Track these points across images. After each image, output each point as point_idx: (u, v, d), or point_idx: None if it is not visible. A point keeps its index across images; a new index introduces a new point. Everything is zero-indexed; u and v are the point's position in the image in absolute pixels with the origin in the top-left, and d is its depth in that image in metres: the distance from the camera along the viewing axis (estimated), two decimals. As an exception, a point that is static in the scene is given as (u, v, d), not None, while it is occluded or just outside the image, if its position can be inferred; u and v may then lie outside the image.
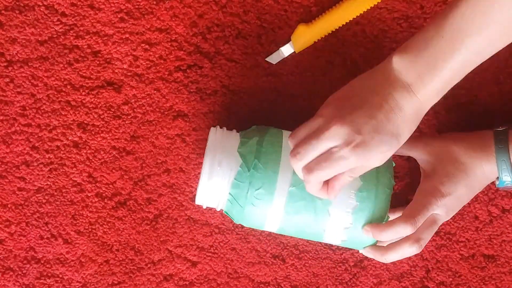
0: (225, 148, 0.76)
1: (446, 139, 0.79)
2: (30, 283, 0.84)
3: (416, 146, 0.79)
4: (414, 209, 0.75)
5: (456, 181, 0.76)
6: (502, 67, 0.84)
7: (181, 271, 0.84)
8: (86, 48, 0.83)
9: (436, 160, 0.77)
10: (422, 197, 0.76)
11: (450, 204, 0.76)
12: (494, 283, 0.85)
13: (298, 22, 0.83)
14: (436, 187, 0.76)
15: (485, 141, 0.77)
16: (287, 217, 0.75)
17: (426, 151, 0.78)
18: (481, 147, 0.77)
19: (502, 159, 0.76)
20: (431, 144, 0.79)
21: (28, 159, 0.83)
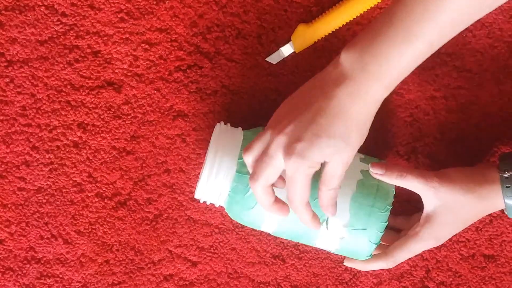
0: (228, 145, 0.76)
1: (455, 188, 0.75)
2: (30, 283, 0.84)
3: (426, 192, 0.76)
4: (400, 252, 0.77)
5: (455, 228, 0.77)
6: (502, 67, 0.84)
7: (181, 271, 0.84)
8: (86, 48, 0.83)
9: (441, 207, 0.75)
10: (413, 243, 0.77)
11: (440, 242, 0.78)
12: (494, 283, 0.85)
13: (298, 22, 0.83)
14: (432, 236, 0.76)
15: (492, 188, 0.75)
16: (284, 219, 0.75)
17: (435, 197, 0.76)
18: (489, 197, 0.76)
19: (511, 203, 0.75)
20: (440, 191, 0.75)
21: (28, 159, 0.83)
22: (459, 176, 0.76)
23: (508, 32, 0.84)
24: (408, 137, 0.84)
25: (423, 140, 0.84)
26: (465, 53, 0.84)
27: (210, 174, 0.75)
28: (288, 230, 0.77)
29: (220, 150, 0.76)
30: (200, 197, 0.77)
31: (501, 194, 0.75)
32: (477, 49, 0.84)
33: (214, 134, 0.77)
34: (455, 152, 0.84)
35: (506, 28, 0.84)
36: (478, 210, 0.76)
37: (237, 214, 0.77)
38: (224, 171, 0.75)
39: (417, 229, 0.77)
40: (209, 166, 0.75)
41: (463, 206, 0.75)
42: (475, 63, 0.84)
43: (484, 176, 0.76)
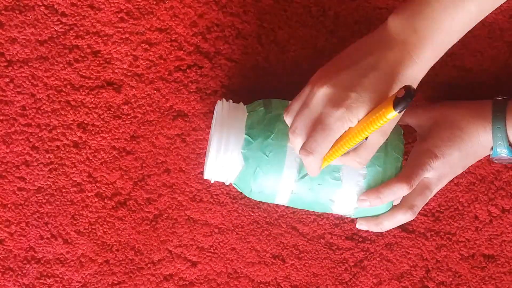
0: (232, 121, 0.75)
1: (445, 105, 0.78)
2: (30, 283, 0.84)
3: (414, 112, 0.77)
4: (408, 169, 0.74)
5: (451, 145, 0.75)
6: (503, 67, 0.84)
7: (181, 271, 0.84)
8: (86, 48, 0.83)
9: (433, 124, 0.76)
10: (416, 158, 0.75)
11: (443, 169, 0.75)
12: (494, 283, 0.85)
13: (298, 22, 0.83)
14: (430, 149, 0.75)
15: (483, 108, 0.76)
16: (297, 188, 0.75)
17: (424, 117, 0.76)
18: (479, 113, 0.76)
19: (497, 126, 0.74)
20: (430, 110, 0.77)
21: (28, 159, 0.83)
22: (451, 102, 0.79)
23: (508, 32, 0.84)
24: (408, 137, 0.84)
25: (423, 140, 0.84)
26: (465, 52, 0.84)
27: (218, 154, 0.75)
28: (302, 198, 0.76)
29: (227, 126, 0.75)
30: (210, 178, 0.77)
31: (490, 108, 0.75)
32: (477, 49, 0.84)
33: (216, 112, 0.76)
34: (455, 152, 0.84)
35: (506, 28, 0.84)
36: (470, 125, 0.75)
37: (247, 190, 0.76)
38: (231, 149, 0.75)
39: (415, 148, 0.77)
40: (215, 146, 0.75)
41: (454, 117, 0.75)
42: (475, 63, 0.84)
43: (479, 102, 0.77)
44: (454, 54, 0.84)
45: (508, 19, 0.83)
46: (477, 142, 0.76)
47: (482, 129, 0.76)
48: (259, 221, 0.84)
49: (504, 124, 0.75)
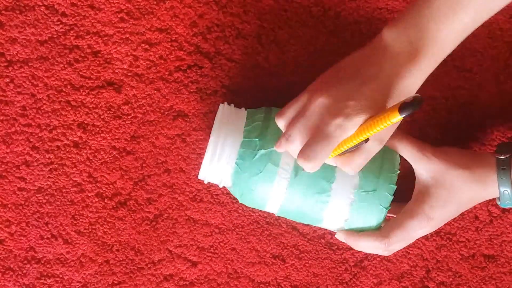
0: (231, 125, 0.76)
1: (448, 162, 0.75)
2: (30, 283, 0.84)
3: (419, 160, 0.76)
4: (393, 229, 0.75)
5: (448, 209, 0.75)
6: (503, 67, 0.84)
7: (181, 271, 0.84)
8: (86, 48, 0.83)
9: (433, 180, 0.75)
10: (406, 218, 0.75)
11: (434, 226, 0.76)
12: (494, 283, 0.85)
13: (298, 22, 0.83)
14: (424, 211, 0.75)
15: (487, 169, 0.74)
16: (289, 197, 0.75)
17: (427, 168, 0.75)
18: (483, 177, 0.74)
19: (504, 189, 0.74)
20: (433, 163, 0.75)
21: (28, 159, 0.83)
22: (455, 153, 0.76)
23: (508, 32, 0.84)
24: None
25: (423, 140, 0.84)
26: (465, 53, 0.84)
27: (214, 153, 0.75)
28: (293, 209, 0.76)
29: (224, 130, 0.76)
30: (204, 179, 0.77)
31: (495, 178, 0.73)
32: (477, 49, 0.84)
33: (217, 115, 0.77)
34: (455, 152, 0.84)
35: (506, 28, 0.84)
36: (470, 191, 0.75)
37: (242, 188, 0.76)
38: (228, 149, 0.75)
39: (409, 205, 0.75)
40: (212, 146, 0.75)
41: (454, 181, 0.74)
42: (475, 63, 0.84)
43: (481, 158, 0.75)
44: (454, 54, 0.83)
45: (508, 19, 0.83)
46: (475, 203, 0.77)
47: (485, 194, 0.75)
48: (259, 221, 0.84)
49: (510, 184, 0.74)
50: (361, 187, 0.75)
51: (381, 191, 0.75)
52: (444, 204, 0.75)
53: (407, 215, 0.75)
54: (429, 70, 0.65)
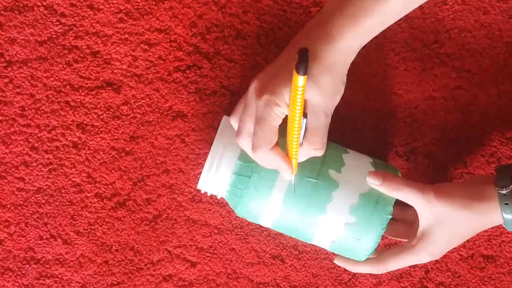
0: (232, 137, 0.76)
1: (451, 204, 0.74)
2: (30, 284, 0.84)
3: (421, 206, 0.75)
4: (392, 261, 0.76)
5: (450, 244, 0.76)
6: (501, 67, 0.84)
7: (180, 271, 0.84)
8: (86, 48, 0.83)
9: (437, 221, 0.74)
10: (407, 254, 0.76)
11: (434, 258, 0.76)
12: (494, 283, 0.85)
13: (297, 22, 0.83)
14: (427, 249, 0.75)
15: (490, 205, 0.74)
16: (283, 212, 0.75)
17: (430, 212, 0.74)
18: (487, 212, 0.74)
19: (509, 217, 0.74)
20: (436, 207, 0.74)
21: (27, 160, 0.83)
22: (456, 192, 0.75)
23: (507, 33, 0.84)
24: (407, 137, 0.84)
25: (422, 140, 0.84)
26: (464, 53, 0.84)
27: (212, 166, 0.75)
28: (286, 225, 0.77)
29: (224, 143, 0.76)
30: (202, 188, 0.77)
31: (499, 210, 0.73)
32: (476, 50, 0.84)
33: (220, 127, 0.77)
34: (454, 153, 0.84)
35: (505, 28, 0.84)
36: (474, 226, 0.75)
37: (236, 205, 0.77)
38: (225, 163, 0.75)
39: (413, 243, 0.76)
40: (211, 158, 0.75)
41: (459, 222, 0.74)
42: (474, 64, 0.84)
43: (482, 192, 0.74)
44: (453, 54, 0.84)
45: (508, 19, 0.83)
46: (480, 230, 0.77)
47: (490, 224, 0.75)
48: (258, 221, 0.84)
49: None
50: (358, 207, 0.75)
51: (379, 212, 0.75)
52: (447, 241, 0.75)
53: (409, 252, 0.76)
54: (358, 43, 0.64)
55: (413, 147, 0.84)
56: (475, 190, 0.75)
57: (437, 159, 0.84)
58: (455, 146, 0.84)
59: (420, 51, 0.84)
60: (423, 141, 0.84)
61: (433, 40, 0.84)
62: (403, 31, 0.83)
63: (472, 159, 0.84)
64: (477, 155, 0.84)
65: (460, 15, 0.84)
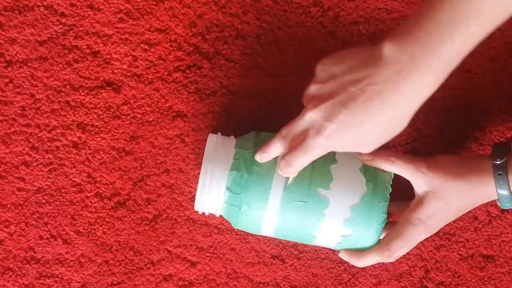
0: (220, 155, 0.76)
1: (444, 174, 0.74)
2: (30, 283, 0.84)
3: (415, 177, 0.75)
4: (392, 240, 0.76)
5: (445, 217, 0.76)
6: (502, 67, 0.84)
7: (180, 271, 0.84)
8: (86, 48, 0.83)
9: (430, 192, 0.75)
10: (403, 227, 0.76)
11: (432, 231, 0.76)
12: (493, 283, 0.85)
13: (297, 22, 0.83)
14: (422, 220, 0.75)
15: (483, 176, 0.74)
16: (282, 220, 0.75)
17: (424, 182, 0.75)
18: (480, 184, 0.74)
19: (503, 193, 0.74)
20: (429, 177, 0.75)
21: (27, 160, 0.83)
22: (449, 163, 0.75)
23: (507, 33, 0.84)
24: (407, 137, 0.84)
25: (422, 140, 0.84)
26: (464, 53, 0.84)
27: (204, 188, 0.75)
28: (286, 233, 0.77)
29: (212, 164, 0.75)
30: (199, 210, 0.77)
31: (493, 182, 0.73)
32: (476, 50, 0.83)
33: (207, 146, 0.77)
34: (454, 153, 0.84)
35: (505, 28, 0.83)
36: (468, 199, 0.75)
37: (235, 222, 0.77)
38: (216, 184, 0.75)
39: (407, 214, 0.76)
40: (202, 180, 0.75)
41: (452, 192, 0.74)
42: (474, 64, 0.84)
43: (476, 164, 0.74)
44: (454, 54, 0.84)
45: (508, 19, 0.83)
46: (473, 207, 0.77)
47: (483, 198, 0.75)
48: (258, 221, 0.84)
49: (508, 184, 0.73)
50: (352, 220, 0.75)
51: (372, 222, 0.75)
52: (441, 212, 0.75)
53: (404, 224, 0.76)
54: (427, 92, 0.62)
55: (413, 147, 0.84)
56: (469, 163, 0.75)
57: (437, 159, 0.84)
58: (455, 146, 0.84)
59: (420, 51, 0.84)
60: (423, 141, 0.84)
61: (433, 40, 0.84)
62: (403, 31, 0.83)
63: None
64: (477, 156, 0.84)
65: (460, 15, 0.84)
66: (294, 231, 0.76)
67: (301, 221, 0.75)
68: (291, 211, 0.74)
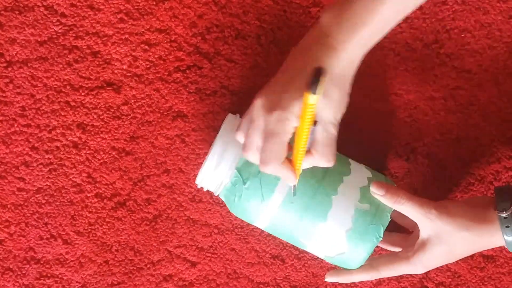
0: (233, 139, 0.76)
1: (452, 224, 0.74)
2: (30, 284, 0.84)
3: (423, 221, 0.75)
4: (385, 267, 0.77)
5: (445, 261, 0.77)
6: (501, 68, 0.84)
7: (180, 271, 0.84)
8: (86, 48, 0.83)
9: (436, 238, 0.75)
10: (401, 263, 0.76)
11: (428, 269, 0.77)
12: (493, 283, 0.85)
13: (297, 22, 0.83)
14: (422, 262, 0.75)
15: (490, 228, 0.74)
16: (279, 215, 0.75)
17: (431, 228, 0.75)
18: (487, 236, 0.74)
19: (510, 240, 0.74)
20: (437, 224, 0.74)
21: (27, 160, 0.83)
22: (458, 211, 0.75)
23: (507, 33, 0.84)
24: (407, 137, 0.84)
25: (422, 140, 0.84)
26: (464, 53, 0.84)
27: (212, 162, 0.75)
28: (281, 228, 0.77)
29: (226, 141, 0.76)
30: (200, 184, 0.77)
31: (500, 233, 0.73)
32: (476, 50, 0.84)
33: (224, 123, 0.77)
34: (454, 153, 0.84)
35: (505, 28, 0.84)
36: (473, 247, 0.76)
37: (232, 205, 0.77)
38: (227, 161, 0.75)
39: (409, 254, 0.76)
40: (212, 155, 0.75)
41: (458, 241, 0.74)
42: (474, 64, 0.84)
43: (483, 215, 0.74)
44: (454, 54, 0.84)
45: (507, 19, 0.84)
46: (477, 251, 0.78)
47: (490, 246, 0.75)
48: (258, 221, 0.84)
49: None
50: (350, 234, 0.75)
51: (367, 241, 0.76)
52: (443, 257, 0.76)
53: (403, 261, 0.76)
54: (359, 53, 0.65)
55: (413, 147, 0.84)
56: (476, 212, 0.75)
57: (437, 159, 0.84)
58: (455, 146, 0.84)
59: (420, 51, 0.84)
60: (423, 141, 0.84)
61: (433, 40, 0.84)
62: (403, 31, 0.84)
63: (472, 159, 0.84)
64: (477, 155, 0.84)
65: (460, 15, 0.84)
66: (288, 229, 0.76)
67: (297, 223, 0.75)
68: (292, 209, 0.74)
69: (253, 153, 0.67)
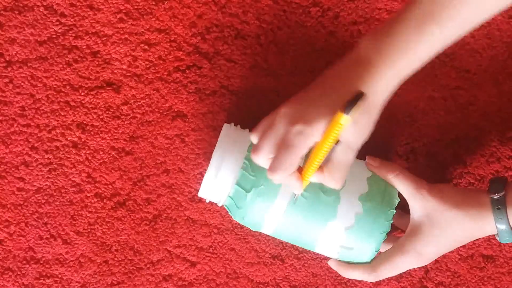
0: (235, 145, 0.76)
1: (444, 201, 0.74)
2: (30, 283, 0.84)
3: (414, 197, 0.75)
4: (383, 263, 0.76)
5: (440, 247, 0.76)
6: (501, 68, 0.84)
7: (180, 271, 0.84)
8: (85, 48, 0.83)
9: (427, 218, 0.75)
10: (396, 254, 0.76)
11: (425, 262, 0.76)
12: (493, 283, 0.85)
13: (297, 22, 0.83)
14: (416, 249, 0.75)
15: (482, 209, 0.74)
16: (285, 220, 0.75)
17: (422, 206, 0.75)
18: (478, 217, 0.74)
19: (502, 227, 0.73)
20: (428, 201, 0.75)
21: (27, 160, 0.83)
22: (450, 192, 0.75)
23: (507, 33, 0.84)
24: (407, 137, 0.84)
25: (422, 140, 0.84)
26: (464, 53, 0.84)
27: (213, 174, 0.75)
28: (286, 233, 0.77)
29: (226, 151, 0.76)
30: (204, 197, 0.78)
31: (491, 217, 0.73)
32: (476, 50, 0.84)
33: (222, 134, 0.77)
34: (454, 153, 0.84)
35: (504, 28, 0.84)
36: (465, 230, 0.75)
37: (237, 214, 0.77)
38: (227, 172, 0.75)
39: (401, 241, 0.76)
40: (214, 166, 0.75)
41: (449, 222, 0.74)
42: (474, 64, 0.84)
43: (476, 198, 0.74)
44: (453, 54, 0.84)
45: (507, 19, 0.84)
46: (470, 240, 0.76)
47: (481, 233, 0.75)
48: (258, 221, 0.84)
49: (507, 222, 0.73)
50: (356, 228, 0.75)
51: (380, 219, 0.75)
52: (436, 242, 0.75)
53: (398, 250, 0.76)
54: (394, 82, 0.65)
55: (413, 147, 0.84)
56: (468, 195, 0.75)
57: (437, 159, 0.84)
58: (455, 146, 0.84)
59: (420, 51, 0.84)
60: (423, 141, 0.84)
61: (433, 40, 0.84)
62: (403, 31, 0.83)
63: (472, 159, 0.84)
64: (477, 155, 0.84)
65: (460, 15, 0.84)
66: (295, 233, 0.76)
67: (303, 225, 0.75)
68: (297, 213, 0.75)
69: (263, 158, 0.67)
